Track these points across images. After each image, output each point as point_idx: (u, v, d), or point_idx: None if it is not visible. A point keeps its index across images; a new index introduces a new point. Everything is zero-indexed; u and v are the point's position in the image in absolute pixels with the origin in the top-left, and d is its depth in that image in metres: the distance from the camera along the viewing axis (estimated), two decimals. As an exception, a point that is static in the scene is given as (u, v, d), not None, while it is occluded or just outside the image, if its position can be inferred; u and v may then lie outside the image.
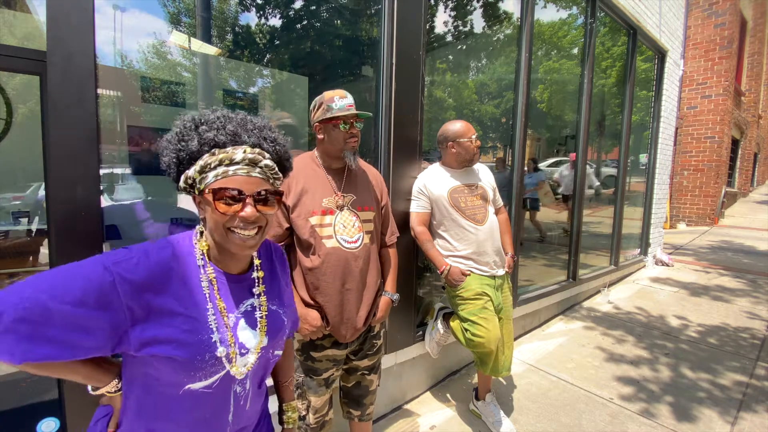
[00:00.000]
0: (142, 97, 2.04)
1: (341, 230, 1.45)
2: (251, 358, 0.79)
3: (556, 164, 4.74)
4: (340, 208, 1.47)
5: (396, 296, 1.65)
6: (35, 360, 0.61)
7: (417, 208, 2.06)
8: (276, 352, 0.87)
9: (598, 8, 3.75)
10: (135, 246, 0.72)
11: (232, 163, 0.73)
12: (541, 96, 4.02)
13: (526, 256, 3.64)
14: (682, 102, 9.15)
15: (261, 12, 2.33)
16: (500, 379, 2.59)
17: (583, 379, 2.64)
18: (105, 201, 1.40)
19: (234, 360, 0.75)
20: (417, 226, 2.05)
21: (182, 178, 0.75)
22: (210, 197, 0.72)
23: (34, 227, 1.80)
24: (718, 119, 8.95)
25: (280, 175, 0.81)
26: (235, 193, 0.71)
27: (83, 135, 1.24)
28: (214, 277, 0.76)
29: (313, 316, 1.42)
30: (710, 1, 8.92)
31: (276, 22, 2.37)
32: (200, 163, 0.73)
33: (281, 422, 1.06)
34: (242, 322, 0.78)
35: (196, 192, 0.76)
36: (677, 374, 2.71)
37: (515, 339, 3.12)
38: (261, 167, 0.75)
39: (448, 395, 2.49)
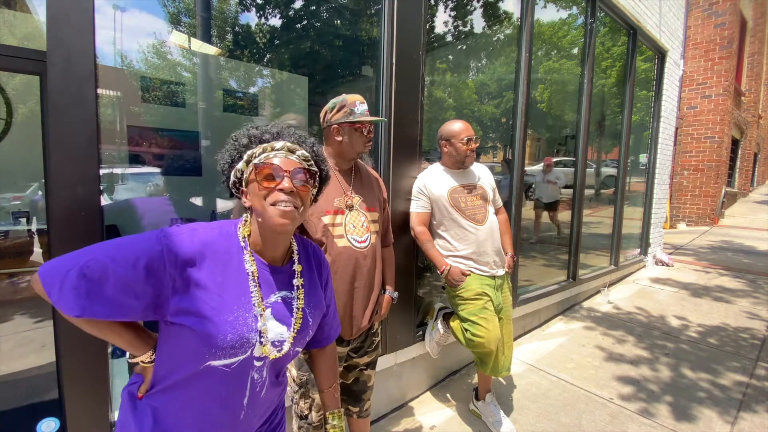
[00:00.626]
0: (142, 97, 2.04)
1: (351, 230, 1.49)
2: (272, 350, 0.82)
3: (556, 164, 4.75)
4: (350, 208, 1.51)
5: (396, 294, 1.69)
6: (91, 316, 0.68)
7: (417, 208, 2.06)
8: (297, 349, 0.89)
9: (598, 8, 3.75)
10: (188, 224, 0.80)
11: (273, 150, 0.84)
12: (541, 96, 4.02)
13: (526, 256, 3.64)
14: (682, 102, 9.15)
15: (261, 12, 2.33)
16: (500, 379, 2.59)
17: (583, 379, 2.64)
18: (104, 200, 1.40)
19: (264, 342, 0.80)
20: (417, 226, 2.05)
21: (232, 173, 0.85)
22: (254, 175, 0.81)
23: (33, 227, 1.80)
24: (718, 119, 8.95)
25: (316, 170, 0.90)
26: (274, 169, 0.81)
27: (83, 135, 1.24)
28: (253, 260, 0.82)
29: None
30: (710, 1, 8.92)
31: (276, 22, 2.37)
32: (248, 153, 0.83)
33: None
34: (269, 312, 0.82)
35: (244, 184, 0.85)
36: (677, 374, 2.71)
37: (515, 339, 3.12)
38: (297, 155, 0.86)
39: (448, 395, 2.49)
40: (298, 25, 2.46)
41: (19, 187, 1.97)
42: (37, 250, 1.79)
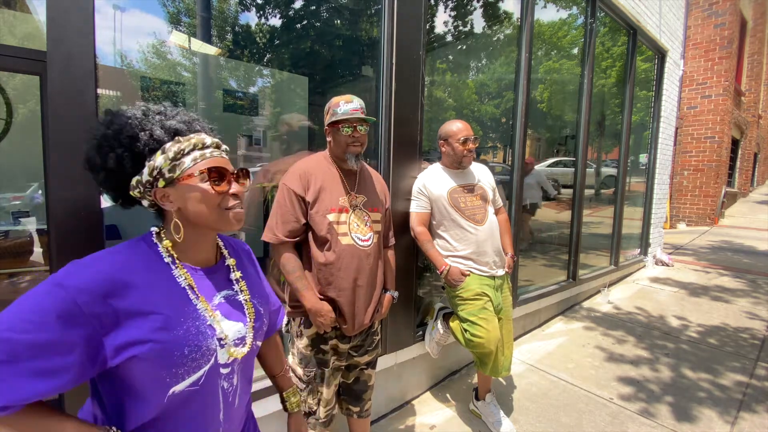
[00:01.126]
0: (142, 97, 2.04)
1: (355, 228, 1.51)
2: (235, 351, 0.77)
3: (556, 164, 4.75)
4: (354, 207, 1.53)
5: (396, 293, 1.71)
6: (20, 399, 0.57)
7: (417, 208, 2.06)
8: (258, 343, 0.86)
9: (598, 8, 3.75)
10: (88, 256, 0.69)
11: (204, 146, 0.76)
12: (541, 96, 4.02)
13: (526, 256, 3.64)
14: (682, 102, 9.15)
15: (261, 12, 2.33)
16: (500, 379, 2.59)
17: (583, 379, 2.64)
18: (104, 200, 1.39)
19: (226, 344, 0.75)
20: (417, 226, 2.05)
21: (146, 171, 0.72)
22: (197, 180, 0.73)
23: (33, 227, 1.80)
24: (718, 119, 8.95)
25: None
26: (222, 171, 0.75)
27: (83, 135, 1.24)
28: (185, 271, 0.75)
29: (327, 309, 1.46)
30: (710, 1, 8.92)
31: (276, 21, 2.37)
32: (173, 149, 0.72)
33: (286, 410, 1.06)
34: (218, 314, 0.77)
35: (161, 184, 0.73)
36: (677, 374, 2.71)
37: (515, 339, 3.12)
38: (224, 150, 0.80)
39: (448, 395, 2.49)
40: (298, 25, 2.46)
41: (19, 187, 1.97)
42: (38, 249, 1.79)
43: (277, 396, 1.03)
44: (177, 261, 0.75)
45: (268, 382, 1.76)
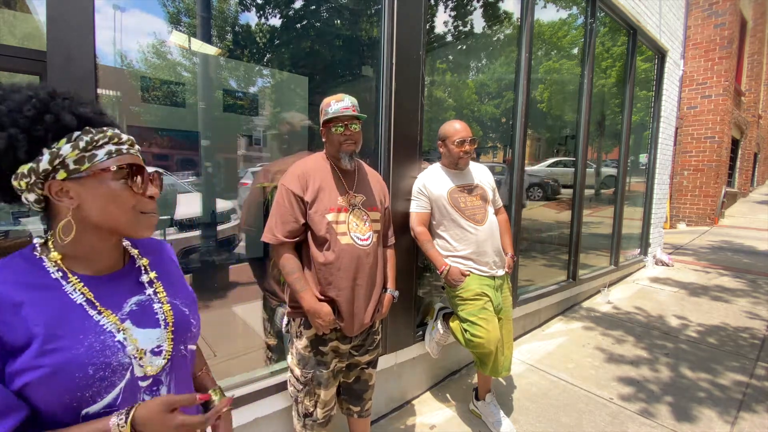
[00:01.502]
0: (142, 97, 2.04)
1: (354, 228, 1.51)
2: (155, 360, 0.70)
3: (556, 164, 4.75)
4: (353, 206, 1.53)
5: (396, 293, 1.70)
6: None
7: (417, 208, 2.06)
8: (190, 347, 0.79)
9: (598, 8, 3.75)
10: None
11: (120, 142, 0.69)
12: (541, 96, 4.02)
13: (526, 256, 3.64)
14: (682, 102, 9.15)
15: (261, 12, 2.33)
16: (500, 379, 2.59)
17: (583, 379, 2.64)
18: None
19: (141, 357, 0.67)
20: (417, 226, 2.05)
21: (45, 158, 0.62)
22: (110, 177, 0.65)
23: (33, 227, 1.79)
24: (718, 119, 8.95)
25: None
26: (138, 169, 0.68)
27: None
28: (81, 285, 0.66)
29: (326, 310, 1.46)
30: (710, 1, 8.92)
31: (276, 21, 2.38)
32: (85, 138, 0.64)
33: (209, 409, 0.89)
34: (128, 323, 0.69)
35: (61, 176, 0.63)
36: (677, 374, 2.71)
37: (515, 339, 3.12)
38: (136, 149, 0.73)
39: (448, 395, 2.49)
40: (298, 25, 2.47)
41: (19, 187, 1.97)
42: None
43: (277, 396, 1.01)
44: (69, 274, 0.66)
45: (267, 382, 1.76)
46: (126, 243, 0.78)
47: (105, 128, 0.67)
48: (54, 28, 1.17)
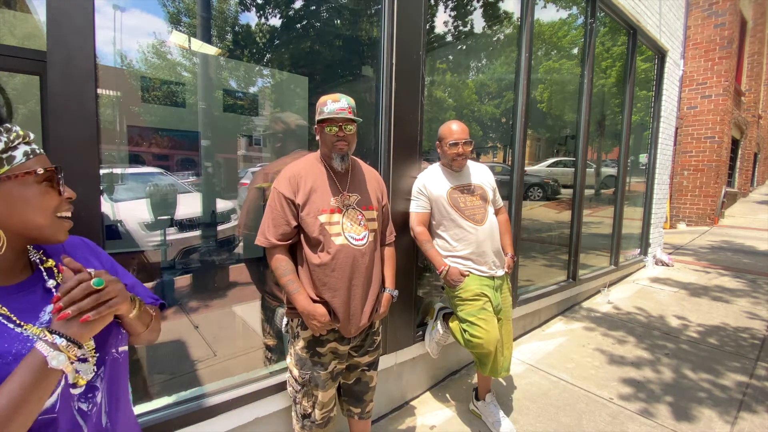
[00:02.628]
0: (142, 97, 2.05)
1: (349, 228, 1.50)
2: (85, 367, 0.66)
3: (556, 164, 4.75)
4: (347, 207, 1.52)
5: (395, 292, 1.69)
6: None
7: (416, 208, 2.06)
8: (121, 349, 0.74)
9: (598, 8, 3.75)
10: None
11: (30, 141, 0.64)
12: (541, 96, 4.02)
13: (526, 256, 3.64)
14: (682, 102, 9.15)
15: (261, 12, 2.33)
16: (500, 379, 2.59)
17: (583, 379, 2.64)
18: (104, 200, 1.40)
19: (70, 366, 0.62)
20: (416, 226, 2.05)
21: None
22: (33, 180, 0.61)
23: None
24: (718, 119, 8.95)
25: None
26: (50, 171, 0.64)
27: (83, 135, 1.24)
28: None
29: (321, 312, 1.45)
30: (710, 1, 8.92)
31: (276, 21, 2.37)
32: (3, 138, 0.60)
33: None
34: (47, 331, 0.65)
35: None
36: (677, 374, 2.71)
37: (515, 339, 3.12)
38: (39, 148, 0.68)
39: (448, 395, 2.49)
40: (298, 25, 2.47)
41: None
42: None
43: (276, 396, 0.99)
44: None
45: (267, 383, 1.76)
46: (28, 247, 0.72)
47: (10, 126, 0.62)
48: (54, 28, 1.17)
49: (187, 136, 2.31)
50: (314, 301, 1.48)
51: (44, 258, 0.72)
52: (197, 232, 2.37)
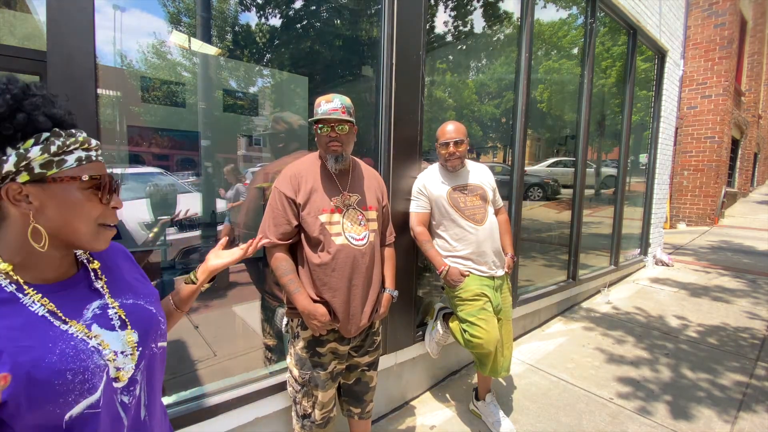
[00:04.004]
0: (142, 97, 2.05)
1: (349, 228, 1.50)
2: (127, 361, 0.68)
3: (555, 164, 4.75)
4: (347, 207, 1.52)
5: (395, 292, 1.69)
6: None
7: (416, 208, 2.06)
8: (160, 344, 0.77)
9: (598, 8, 3.75)
10: None
11: (89, 147, 0.65)
12: (541, 96, 4.02)
13: (526, 256, 3.64)
14: (682, 102, 9.15)
15: (261, 12, 2.33)
16: (500, 379, 2.59)
17: (583, 379, 2.64)
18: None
19: (110, 358, 0.66)
20: (416, 227, 2.05)
21: (11, 159, 0.58)
22: (77, 186, 0.62)
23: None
24: (718, 119, 8.95)
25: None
26: (105, 179, 0.65)
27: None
28: (40, 296, 0.62)
29: (322, 311, 1.45)
30: (710, 1, 8.92)
31: (276, 21, 2.37)
32: (57, 142, 0.61)
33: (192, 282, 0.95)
34: (95, 327, 0.67)
35: (23, 178, 0.59)
36: (677, 374, 2.71)
37: (515, 339, 3.12)
38: (100, 154, 0.69)
39: (448, 395, 2.49)
40: (298, 25, 2.47)
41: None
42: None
43: (277, 396, 1.00)
44: (24, 286, 0.61)
45: (267, 382, 1.76)
46: None
47: (74, 131, 0.64)
48: (54, 28, 1.17)
49: (187, 136, 2.31)
50: (314, 301, 1.48)
51: (90, 258, 0.74)
52: (197, 232, 2.37)
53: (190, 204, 2.44)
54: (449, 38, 3.18)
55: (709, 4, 8.93)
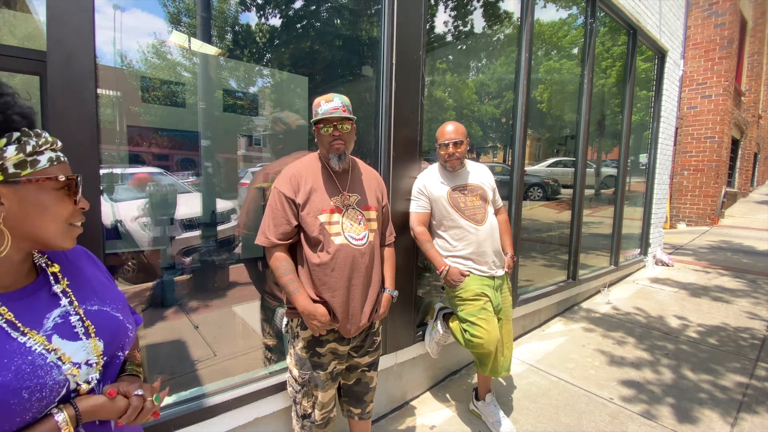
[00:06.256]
0: (142, 97, 2.05)
1: (348, 228, 1.50)
2: (90, 371, 0.66)
3: (555, 164, 4.75)
4: (347, 206, 1.52)
5: (395, 293, 1.69)
6: None
7: (417, 208, 2.06)
8: (119, 354, 0.74)
9: (598, 8, 3.75)
10: None
11: (56, 148, 0.66)
12: (541, 96, 4.02)
13: (526, 256, 3.64)
14: (682, 102, 9.15)
15: (261, 12, 2.33)
16: (500, 379, 2.59)
17: (583, 379, 2.64)
18: (104, 200, 1.40)
19: (76, 375, 0.63)
20: (416, 227, 2.05)
21: None
22: (50, 186, 0.62)
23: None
24: (718, 119, 8.95)
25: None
26: (71, 180, 0.65)
27: (83, 135, 1.24)
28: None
29: (321, 311, 1.45)
30: (710, 1, 8.92)
31: (276, 21, 2.37)
32: (31, 142, 0.60)
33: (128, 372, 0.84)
34: (56, 338, 0.64)
35: None
36: (677, 375, 2.71)
37: (515, 339, 3.12)
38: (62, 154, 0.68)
39: (448, 395, 2.49)
40: (298, 25, 2.46)
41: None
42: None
43: (277, 396, 1.00)
44: None
45: (267, 382, 1.76)
46: (33, 252, 0.71)
47: (40, 131, 0.63)
48: (54, 28, 1.17)
49: (187, 136, 2.31)
50: (314, 301, 1.48)
51: (49, 262, 0.71)
52: (197, 232, 2.37)
53: (190, 204, 2.44)
54: (449, 38, 3.18)
55: (709, 4, 8.93)
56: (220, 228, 2.38)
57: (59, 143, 0.67)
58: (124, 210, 2.24)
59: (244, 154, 2.52)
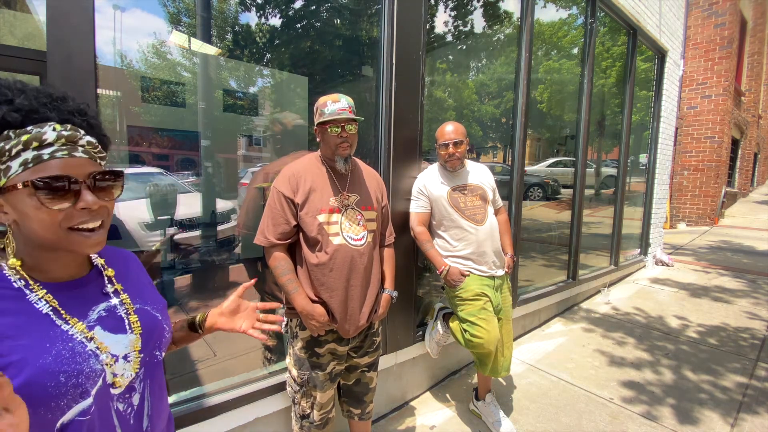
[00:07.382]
0: (142, 97, 2.05)
1: (347, 228, 1.49)
2: (127, 367, 0.66)
3: (555, 164, 4.75)
4: (346, 207, 1.52)
5: (395, 293, 1.68)
6: None
7: (417, 208, 2.06)
8: (157, 353, 0.75)
9: (598, 8, 3.75)
10: None
11: (42, 145, 0.57)
12: (541, 96, 4.02)
13: (526, 256, 3.64)
14: (682, 102, 9.15)
15: (261, 12, 2.33)
16: (500, 379, 2.59)
17: (583, 379, 2.64)
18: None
19: (108, 363, 0.63)
20: (416, 227, 2.05)
21: None
22: (26, 193, 0.56)
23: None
24: (718, 119, 8.95)
25: (105, 153, 0.66)
26: (64, 182, 0.57)
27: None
28: (44, 292, 0.61)
29: (320, 311, 1.45)
30: (710, 1, 8.92)
31: (276, 21, 2.37)
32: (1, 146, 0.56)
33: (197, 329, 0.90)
34: (98, 330, 0.65)
35: None
36: (677, 375, 2.71)
37: (515, 339, 3.12)
38: (83, 146, 0.61)
39: (448, 395, 2.49)
40: (298, 25, 2.46)
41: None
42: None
43: (276, 396, 1.00)
44: (31, 282, 0.60)
45: (267, 383, 1.76)
46: None
47: (29, 129, 0.57)
48: (54, 28, 1.17)
49: (187, 136, 2.31)
50: (313, 301, 1.48)
51: (105, 266, 0.72)
52: (197, 232, 2.37)
53: (190, 204, 2.44)
54: (449, 38, 3.18)
55: (709, 4, 8.93)
56: (220, 228, 2.38)
57: (49, 137, 0.58)
58: (124, 210, 2.24)
59: (244, 154, 2.51)
